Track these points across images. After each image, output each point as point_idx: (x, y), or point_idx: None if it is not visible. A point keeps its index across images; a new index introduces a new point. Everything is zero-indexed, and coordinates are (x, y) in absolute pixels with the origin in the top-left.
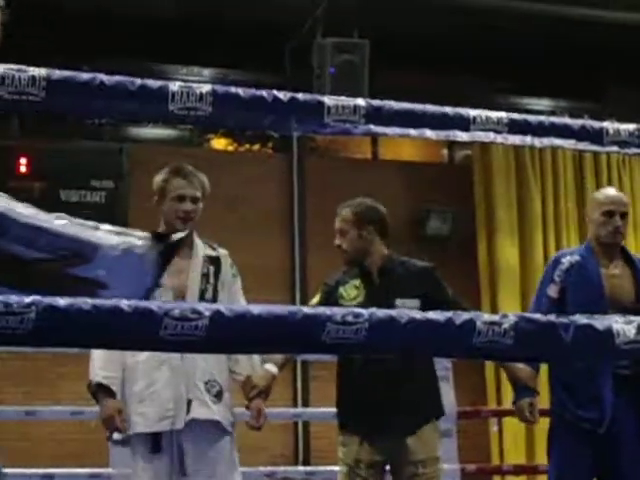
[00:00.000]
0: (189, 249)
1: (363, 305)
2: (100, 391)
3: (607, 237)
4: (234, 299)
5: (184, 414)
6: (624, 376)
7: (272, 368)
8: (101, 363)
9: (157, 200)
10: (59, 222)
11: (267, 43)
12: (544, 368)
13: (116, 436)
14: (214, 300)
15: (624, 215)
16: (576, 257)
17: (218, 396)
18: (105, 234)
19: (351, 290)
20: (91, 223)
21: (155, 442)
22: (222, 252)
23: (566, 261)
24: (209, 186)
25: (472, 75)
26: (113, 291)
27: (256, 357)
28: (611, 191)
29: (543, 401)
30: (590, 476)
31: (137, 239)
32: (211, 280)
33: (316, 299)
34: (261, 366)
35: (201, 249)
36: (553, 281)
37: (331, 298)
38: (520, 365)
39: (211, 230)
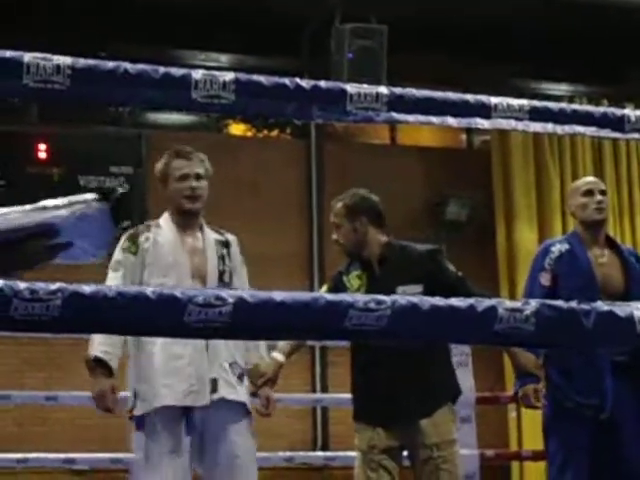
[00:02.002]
0: (200, 231)
1: None
2: (97, 366)
3: (591, 215)
4: (243, 286)
5: (207, 392)
6: (620, 362)
7: (279, 356)
8: (101, 338)
9: (162, 186)
10: (14, 215)
11: (285, 29)
12: None
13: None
14: (231, 282)
15: (603, 193)
16: (566, 245)
17: (241, 378)
18: (54, 211)
19: (354, 280)
20: (39, 205)
21: (187, 415)
22: (230, 237)
23: (556, 250)
24: (210, 167)
25: (490, 60)
26: (75, 248)
27: (263, 347)
28: (587, 177)
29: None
30: (591, 461)
31: (85, 204)
32: (227, 262)
33: (324, 289)
34: (268, 355)
35: (209, 232)
36: (544, 269)
37: (337, 288)
38: (525, 352)
39: (229, 215)
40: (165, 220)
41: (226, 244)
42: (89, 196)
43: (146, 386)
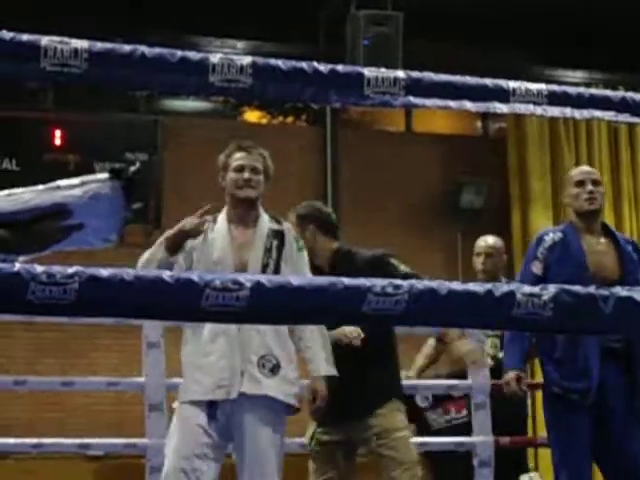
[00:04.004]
0: (254, 223)
1: None
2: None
3: (584, 204)
4: (299, 273)
5: (239, 384)
6: (614, 349)
7: (333, 371)
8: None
9: (221, 176)
10: (27, 196)
11: (301, 15)
12: None
13: (175, 405)
14: (277, 274)
15: (596, 183)
16: (559, 234)
17: (273, 370)
18: (67, 190)
19: None
20: (52, 184)
21: (211, 409)
22: (287, 226)
23: (549, 239)
24: (272, 163)
25: (506, 47)
26: (86, 230)
27: (320, 353)
28: (581, 166)
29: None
30: (591, 446)
31: (98, 183)
32: (274, 255)
33: None
34: (327, 364)
35: (266, 223)
36: (537, 258)
37: None
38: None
39: None
40: (222, 215)
41: (280, 234)
42: (102, 175)
43: (183, 381)
